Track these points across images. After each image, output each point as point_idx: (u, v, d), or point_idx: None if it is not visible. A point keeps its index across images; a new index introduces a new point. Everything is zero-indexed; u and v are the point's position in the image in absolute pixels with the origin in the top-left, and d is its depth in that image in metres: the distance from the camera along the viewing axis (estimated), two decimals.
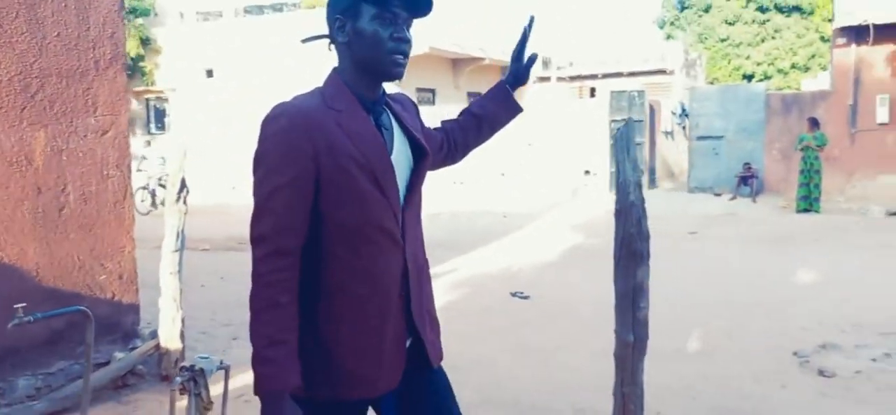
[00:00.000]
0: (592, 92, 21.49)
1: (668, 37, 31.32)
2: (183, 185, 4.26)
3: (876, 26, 12.63)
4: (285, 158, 1.51)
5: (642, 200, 2.89)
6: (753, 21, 27.72)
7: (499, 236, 10.91)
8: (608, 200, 14.86)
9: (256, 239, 1.53)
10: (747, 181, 14.10)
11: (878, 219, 11.53)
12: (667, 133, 17.54)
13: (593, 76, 21.02)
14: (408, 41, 1.62)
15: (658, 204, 14.48)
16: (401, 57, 1.62)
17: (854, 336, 4.93)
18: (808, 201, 12.34)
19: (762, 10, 27.89)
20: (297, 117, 1.53)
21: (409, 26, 1.62)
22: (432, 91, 20.35)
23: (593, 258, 8.23)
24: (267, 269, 1.50)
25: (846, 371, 4.24)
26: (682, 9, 30.55)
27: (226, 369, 3.60)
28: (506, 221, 12.82)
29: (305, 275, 1.55)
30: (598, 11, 44.00)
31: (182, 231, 4.24)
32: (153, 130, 20.30)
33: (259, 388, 1.49)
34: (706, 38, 28.58)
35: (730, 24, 28.09)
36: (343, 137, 1.55)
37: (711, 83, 25.79)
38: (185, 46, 19.56)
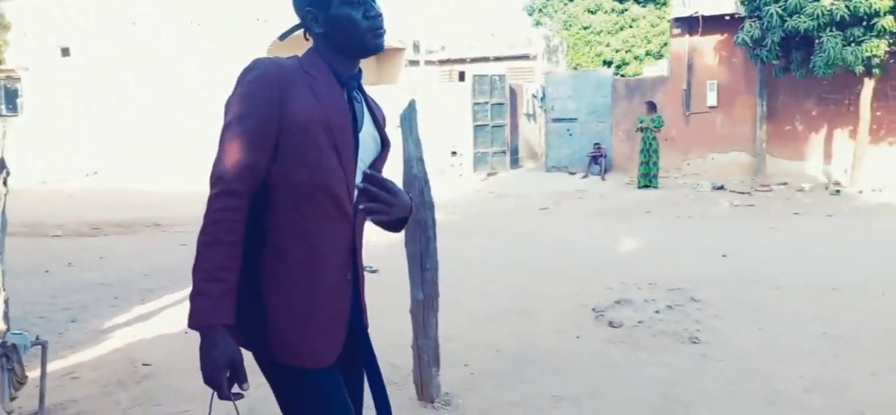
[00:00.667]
0: (462, 76, 22.12)
1: (537, 23, 32.64)
2: (2, 165, 4.23)
3: (705, 18, 13.92)
4: (251, 105, 1.56)
5: (425, 174, 3.26)
6: (612, 10, 29.45)
7: None
8: (473, 180, 15.57)
9: (214, 178, 1.55)
10: (597, 160, 15.15)
11: (705, 193, 12.80)
12: (529, 115, 18.43)
13: (462, 60, 21.63)
14: (381, 14, 1.70)
15: (518, 183, 15.34)
16: (380, 29, 1.69)
17: (647, 292, 5.64)
18: (648, 178, 13.47)
19: (621, 0, 29.70)
20: (269, 69, 1.59)
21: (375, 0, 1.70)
22: None
23: (444, 233, 8.69)
24: (217, 206, 1.52)
25: (631, 322, 4.89)
26: None
27: (43, 345, 3.68)
28: None
29: (250, 229, 1.58)
30: None
31: (3, 212, 4.21)
32: (3, 111, 18.91)
33: (191, 321, 1.51)
34: (570, 26, 30.03)
35: (592, 12, 29.69)
36: (311, 97, 1.60)
37: (575, 68, 27.23)
38: (38, 22, 18.34)
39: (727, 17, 13.44)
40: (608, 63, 28.20)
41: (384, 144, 1.79)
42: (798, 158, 14.15)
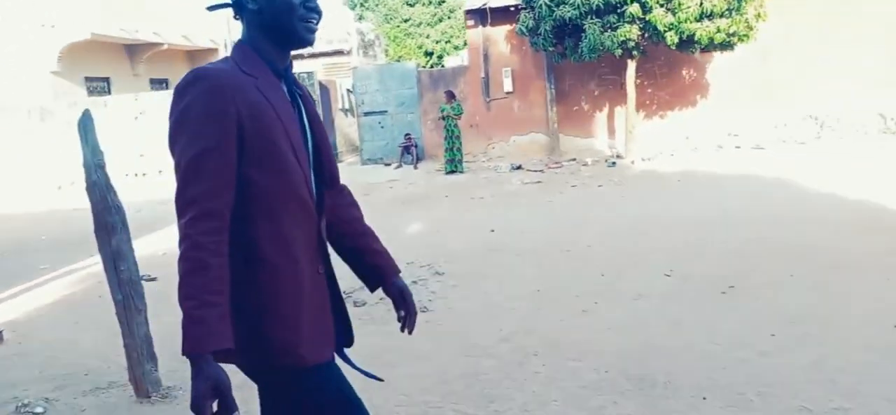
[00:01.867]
0: None
1: (360, 17, 32.94)
2: None
3: (493, 9, 14.85)
4: (209, 121, 1.50)
5: (106, 179, 3.40)
6: (430, 2, 30.41)
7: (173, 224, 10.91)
8: None
9: (186, 203, 1.50)
10: (409, 150, 15.72)
11: (504, 173, 13.71)
12: (345, 110, 18.68)
13: None
14: (318, 9, 1.66)
15: None
16: (313, 23, 1.65)
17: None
18: (454, 163, 14.20)
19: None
20: (216, 80, 1.52)
21: None
22: (106, 79, 19.11)
23: None
24: (196, 231, 1.47)
25: (372, 300, 5.30)
26: None
27: None
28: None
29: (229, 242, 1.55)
30: None
31: None
32: None
33: (189, 349, 1.47)
34: (391, 19, 30.67)
35: (411, 5, 30.44)
36: (264, 102, 1.56)
37: (398, 60, 27.85)
38: None
39: (512, 8, 14.40)
40: (429, 54, 29.21)
41: (319, 132, 1.76)
42: (587, 135, 15.51)
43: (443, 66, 22.20)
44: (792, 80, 14.20)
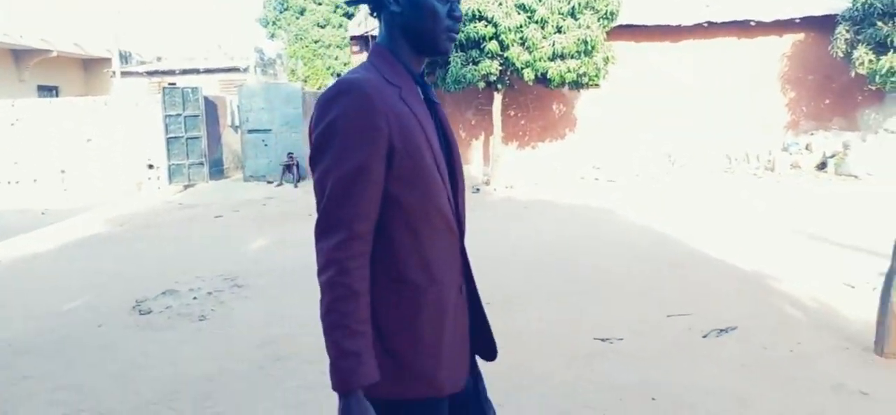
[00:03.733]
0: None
1: (272, 36, 33.03)
2: None
3: (374, 36, 15.36)
4: (360, 137, 1.40)
5: None
6: (340, 25, 30.84)
7: (18, 233, 10.79)
8: (169, 192, 15.55)
9: (333, 224, 1.41)
10: (290, 169, 15.96)
11: None
12: (235, 127, 18.75)
13: (172, 72, 21.34)
14: (462, 19, 1.59)
15: (213, 193, 15.59)
16: (455, 33, 1.57)
17: (201, 283, 6.42)
18: None
19: (348, 16, 31.18)
20: (367, 92, 1.42)
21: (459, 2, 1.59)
22: None
23: (97, 244, 8.88)
24: (345, 255, 1.39)
25: (160, 308, 5.61)
26: (283, 10, 32.49)
27: None
28: (43, 218, 12.62)
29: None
30: (202, 7, 44.05)
31: None
32: None
33: (342, 384, 1.38)
34: (302, 39, 30.91)
35: (321, 27, 30.83)
36: (410, 115, 1.48)
37: (305, 80, 28.04)
38: None
39: None
40: (338, 75, 29.43)
41: (450, 141, 1.66)
42: (465, 162, 16.18)
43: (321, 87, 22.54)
44: (651, 120, 15.31)
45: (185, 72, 20.86)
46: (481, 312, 1.72)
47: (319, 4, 31.35)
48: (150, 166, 16.39)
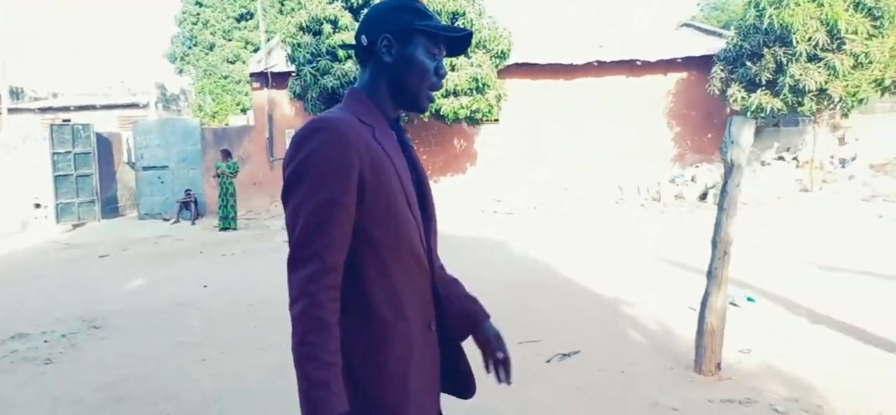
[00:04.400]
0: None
1: (180, 71, 32.36)
2: None
3: (274, 74, 15.35)
4: (332, 173, 1.43)
5: None
6: (248, 61, 30.57)
7: None
8: (56, 231, 14.89)
9: (305, 256, 1.42)
10: (188, 206, 15.60)
11: (277, 231, 13.98)
12: (131, 163, 18.21)
13: (67, 108, 20.57)
14: (445, 75, 1.66)
15: (104, 231, 15.05)
16: (436, 90, 1.65)
17: (56, 325, 6.19)
18: (227, 221, 14.28)
19: (256, 50, 30.97)
20: (340, 130, 1.45)
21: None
22: None
23: None
24: (316, 287, 1.41)
25: (4, 353, 5.37)
26: (191, 46, 31.92)
27: None
28: None
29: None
30: (105, 42, 42.94)
31: None
32: None
33: (310, 414, 1.39)
34: (211, 74, 30.40)
35: (231, 63, 30.46)
36: (382, 153, 1.51)
37: (213, 116, 27.56)
38: None
39: (293, 74, 14.98)
40: (245, 111, 29.10)
41: (422, 180, 1.70)
42: None
43: (227, 124, 22.26)
44: (548, 153, 15.83)
45: (81, 108, 20.14)
46: (457, 348, 1.76)
47: (229, 40, 31.07)
48: (37, 205, 15.70)
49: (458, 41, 1.64)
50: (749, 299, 6.16)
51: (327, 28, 12.24)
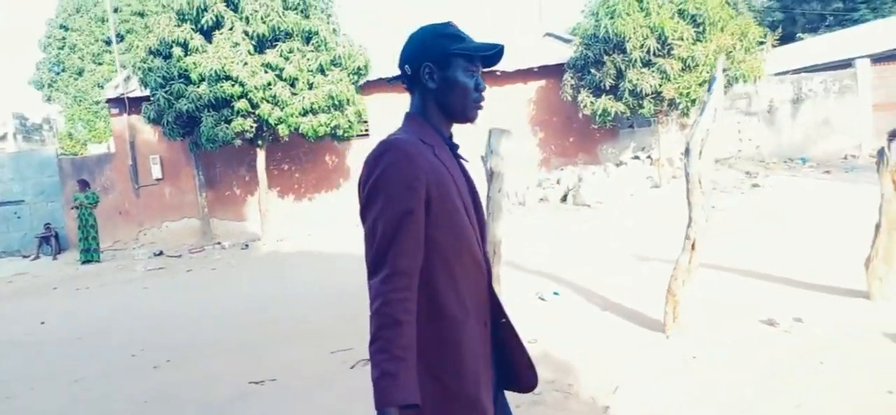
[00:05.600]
0: None
1: (48, 99, 30.79)
2: None
3: (132, 99, 15.02)
4: (405, 187, 1.60)
5: None
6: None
7: None
8: None
9: (380, 263, 1.58)
10: (48, 241, 14.99)
11: (140, 260, 13.67)
12: None
13: None
14: (485, 88, 1.83)
15: None
16: (481, 104, 1.81)
17: None
18: (89, 253, 13.85)
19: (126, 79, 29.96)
20: (408, 150, 1.63)
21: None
22: None
23: None
24: (389, 288, 1.56)
25: None
26: (59, 72, 30.44)
27: None
28: None
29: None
30: None
31: None
32: None
33: (378, 401, 1.52)
34: (82, 101, 29.13)
35: (102, 87, 29.23)
36: (443, 169, 1.69)
37: (85, 145, 26.44)
38: None
39: (148, 99, 14.70)
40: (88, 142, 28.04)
41: (474, 190, 1.88)
42: (240, 219, 16.11)
43: (84, 153, 21.52)
44: None
45: None
46: (520, 345, 1.90)
47: (100, 64, 29.90)
48: None
49: (493, 55, 1.81)
50: (555, 294, 6.70)
51: (177, 51, 12.13)
